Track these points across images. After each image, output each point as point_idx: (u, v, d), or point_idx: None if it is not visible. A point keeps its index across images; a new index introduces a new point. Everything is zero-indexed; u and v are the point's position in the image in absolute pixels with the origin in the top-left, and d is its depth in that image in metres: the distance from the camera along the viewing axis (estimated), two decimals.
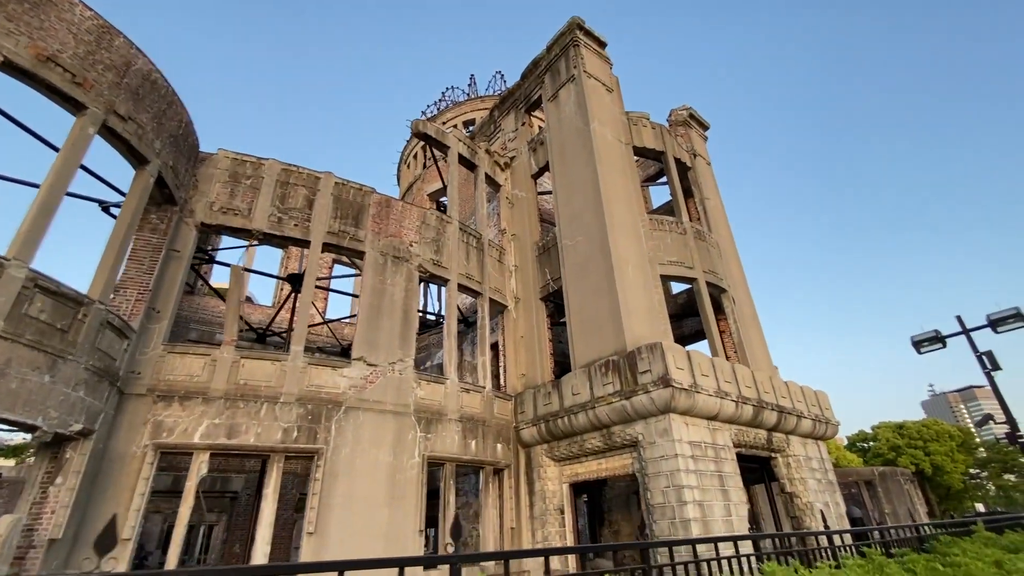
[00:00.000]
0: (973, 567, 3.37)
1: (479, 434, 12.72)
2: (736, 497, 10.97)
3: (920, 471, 51.17)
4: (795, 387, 14.43)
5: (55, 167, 7.74)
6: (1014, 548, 5.59)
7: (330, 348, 19.96)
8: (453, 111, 25.69)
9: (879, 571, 3.36)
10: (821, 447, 14.79)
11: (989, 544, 5.93)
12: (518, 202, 17.92)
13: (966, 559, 3.55)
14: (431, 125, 15.99)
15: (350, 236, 12.57)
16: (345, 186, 13.14)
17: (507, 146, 19.40)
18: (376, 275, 12.51)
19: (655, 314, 13.37)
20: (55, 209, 7.58)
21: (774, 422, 12.91)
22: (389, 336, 12.01)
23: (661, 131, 17.45)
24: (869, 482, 23.08)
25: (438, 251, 14.11)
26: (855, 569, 3.41)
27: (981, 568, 3.36)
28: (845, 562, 3.85)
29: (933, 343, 11.44)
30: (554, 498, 12.95)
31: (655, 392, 10.62)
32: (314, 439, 10.07)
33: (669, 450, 10.41)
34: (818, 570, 2.86)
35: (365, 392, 11.07)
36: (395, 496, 10.48)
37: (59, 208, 7.70)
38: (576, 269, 14.34)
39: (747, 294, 18.13)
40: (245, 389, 9.93)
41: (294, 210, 12.14)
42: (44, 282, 7.28)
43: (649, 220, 15.17)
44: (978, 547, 4.43)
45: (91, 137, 8.28)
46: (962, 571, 3.30)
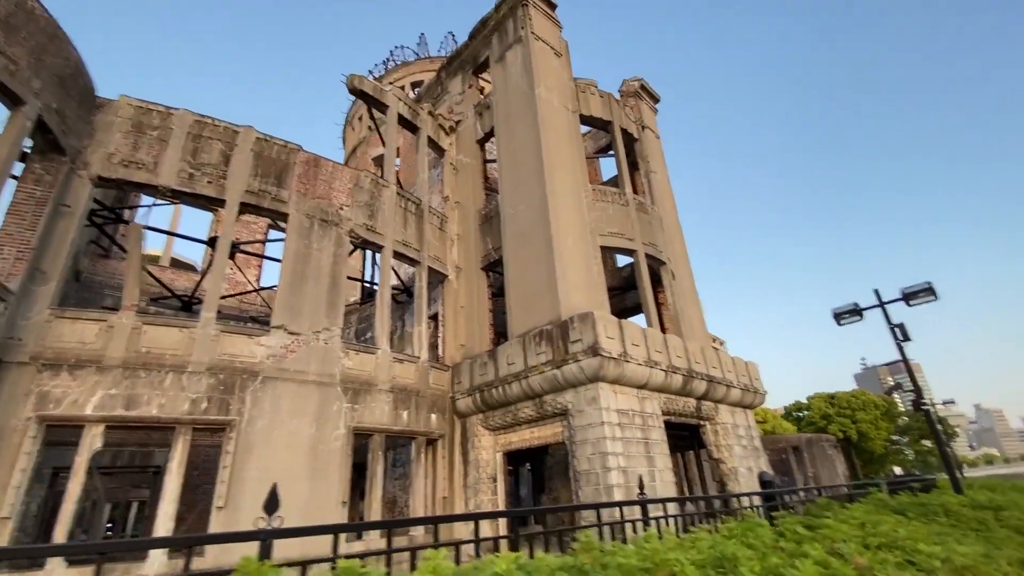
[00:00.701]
0: (836, 528, 3.33)
1: (412, 405, 12.44)
2: (661, 463, 11.22)
3: (847, 438, 55.02)
4: (726, 357, 14.83)
5: None
6: (900, 509, 5.83)
7: (264, 318, 19.05)
8: (401, 71, 24.46)
9: (751, 531, 3.27)
10: (749, 415, 15.37)
11: (881, 505, 6.18)
12: (463, 168, 17.34)
13: (834, 520, 3.54)
14: (368, 82, 15.07)
15: (272, 196, 11.75)
16: (268, 142, 12.22)
17: (453, 110, 18.65)
18: (301, 239, 11.80)
19: (593, 285, 13.30)
20: None
21: (703, 391, 13.23)
22: (314, 304, 11.42)
23: (609, 100, 17.14)
24: (796, 448, 24.47)
25: (372, 216, 13.46)
26: (726, 530, 3.31)
27: (844, 530, 3.32)
28: (728, 522, 3.78)
29: (852, 315, 11.89)
30: (487, 467, 12.92)
31: (585, 361, 10.58)
32: (226, 410, 9.51)
33: (596, 418, 10.46)
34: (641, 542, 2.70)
35: (285, 362, 10.52)
36: (317, 469, 10.12)
37: None
38: (516, 238, 14.04)
39: (687, 268, 18.40)
40: (148, 358, 9.20)
41: (208, 166, 11.19)
42: None
43: (592, 190, 14.97)
44: (852, 510, 4.55)
45: None
46: (824, 532, 3.25)
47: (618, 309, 19.44)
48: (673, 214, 19.39)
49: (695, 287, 18.35)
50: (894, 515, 5.48)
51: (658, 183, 19.17)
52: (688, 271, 18.41)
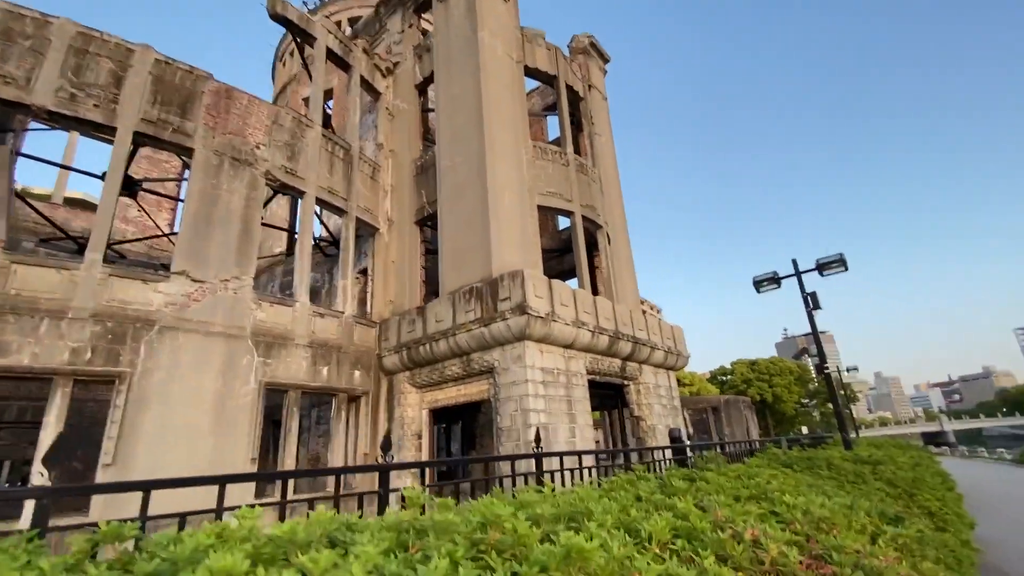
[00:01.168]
0: (713, 481, 3.31)
1: (334, 361, 11.93)
2: (583, 420, 11.46)
3: (764, 400, 59.61)
4: (652, 321, 15.23)
5: None
6: (789, 463, 6.12)
7: None
8: (338, 4, 22.43)
9: (631, 484, 3.19)
10: (671, 376, 16.00)
11: (773, 459, 6.48)
12: (399, 115, 16.33)
13: (714, 474, 3.54)
14: (293, 8, 13.63)
15: (174, 127, 10.50)
16: (170, 66, 10.83)
17: (392, 50, 17.38)
18: (208, 178, 10.70)
19: (528, 244, 13.07)
20: None
21: (629, 352, 13.55)
22: (223, 250, 10.50)
23: (556, 54, 16.51)
24: (715, 408, 26.11)
25: (293, 158, 12.42)
26: (607, 483, 3.22)
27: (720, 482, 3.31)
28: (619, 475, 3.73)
29: (770, 283, 12.42)
30: (413, 424, 12.77)
31: (512, 319, 10.45)
32: (115, 361, 8.65)
33: (520, 376, 10.44)
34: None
35: (188, 311, 9.67)
36: (223, 424, 9.53)
37: None
38: (452, 192, 13.48)
39: (625, 234, 18.56)
40: (17, 300, 8.13)
41: (95, 87, 9.78)
42: None
43: (533, 147, 14.54)
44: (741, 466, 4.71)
45: None
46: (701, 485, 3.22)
47: (556, 271, 19.48)
48: (615, 178, 19.36)
49: (631, 253, 18.60)
50: (783, 468, 5.75)
51: (601, 145, 18.97)
52: (625, 237, 18.59)
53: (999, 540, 9.53)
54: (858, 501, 3.02)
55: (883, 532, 2.53)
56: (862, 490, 4.64)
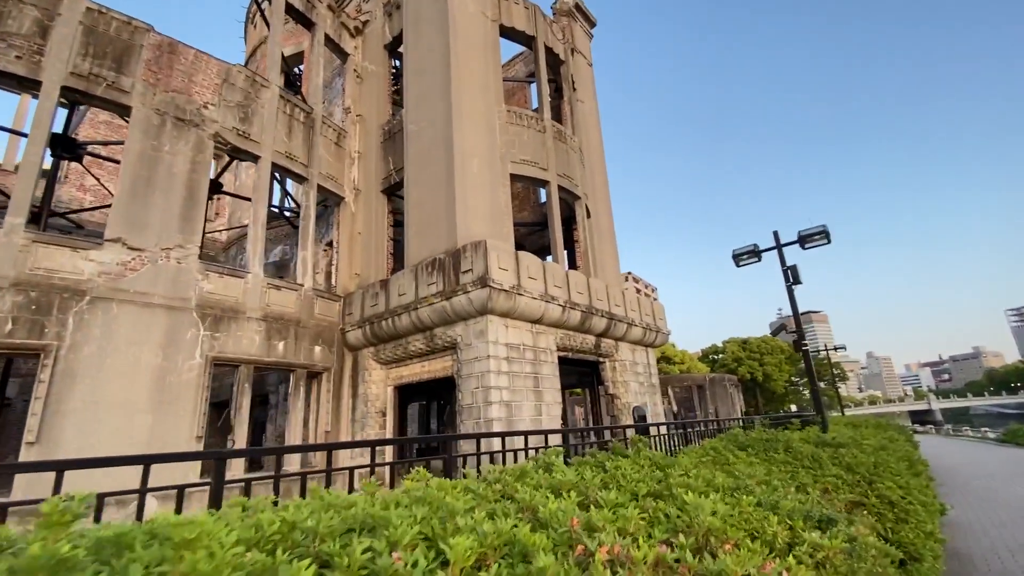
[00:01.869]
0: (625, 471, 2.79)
1: (291, 335, 11.38)
2: (550, 398, 11.00)
3: (754, 379, 59.75)
4: (631, 296, 14.70)
5: None
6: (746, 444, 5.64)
7: None
8: None
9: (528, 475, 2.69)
10: (650, 353, 15.56)
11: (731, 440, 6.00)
12: (368, 77, 15.43)
13: (630, 461, 3.02)
14: None
15: (108, 83, 9.69)
16: (104, 15, 9.95)
17: (361, 8, 16.36)
18: (147, 139, 9.94)
19: (498, 214, 12.41)
20: None
21: (603, 328, 13.04)
22: (164, 216, 9.81)
23: (535, 12, 15.55)
24: (700, 386, 25.85)
25: (246, 120, 11.62)
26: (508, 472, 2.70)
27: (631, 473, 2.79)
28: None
29: (751, 256, 11.85)
30: (377, 401, 12.31)
31: (474, 292, 9.87)
32: (40, 334, 8.07)
33: (483, 352, 9.91)
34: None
35: (123, 281, 9.04)
36: (164, 401, 9.00)
37: None
38: (418, 158, 12.74)
39: (607, 206, 17.89)
40: None
41: (16, 36, 8.93)
42: None
43: (507, 112, 13.73)
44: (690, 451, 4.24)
45: None
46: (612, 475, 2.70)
47: (538, 247, 18.85)
48: (598, 149, 18.59)
49: (613, 227, 17.96)
50: (736, 452, 5.27)
51: (585, 113, 18.14)
52: (607, 209, 17.93)
53: (970, 522, 9.22)
54: (783, 500, 2.48)
55: (800, 542, 2.00)
56: (815, 475, 4.15)
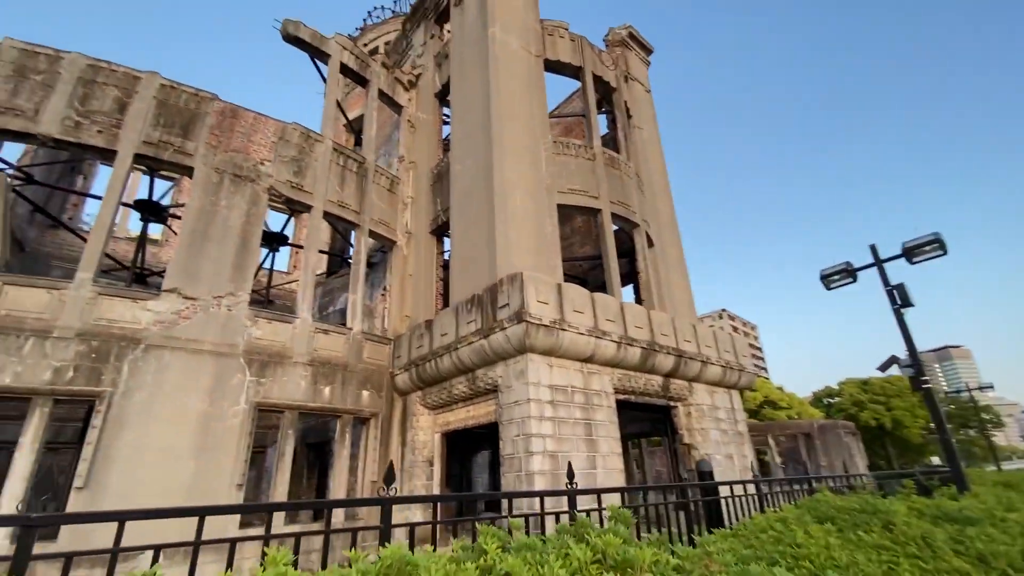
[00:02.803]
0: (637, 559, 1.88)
1: (338, 380, 11.24)
2: (607, 448, 9.67)
3: (881, 426, 51.58)
4: (704, 331, 13.03)
5: None
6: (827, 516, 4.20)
7: None
8: (375, 31, 22.99)
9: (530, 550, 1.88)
10: (733, 396, 13.56)
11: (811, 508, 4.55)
12: (420, 125, 15.85)
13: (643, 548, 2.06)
14: (305, 28, 13.69)
15: (175, 148, 10.59)
16: (175, 90, 11.05)
17: (415, 63, 17.11)
18: (207, 195, 10.63)
19: (545, 247, 11.71)
20: None
21: (671, 367, 11.54)
22: (217, 266, 10.26)
23: (581, 44, 15.24)
24: (807, 434, 22.30)
25: (300, 173, 12.18)
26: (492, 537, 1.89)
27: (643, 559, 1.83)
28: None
29: (843, 277, 9.92)
30: (424, 449, 11.66)
31: (511, 329, 9.08)
32: (97, 381, 8.48)
33: (522, 394, 8.98)
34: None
35: (176, 329, 9.42)
36: (207, 447, 9.03)
37: None
38: (462, 196, 12.54)
39: (674, 234, 16.51)
40: (6, 320, 8.23)
41: (99, 113, 10.10)
42: None
43: (553, 143, 13.25)
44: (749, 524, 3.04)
45: None
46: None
47: (602, 281, 17.74)
48: (661, 175, 17.46)
49: (682, 256, 16.47)
50: (816, 524, 3.87)
51: (644, 140, 17.25)
52: (675, 239, 16.53)
53: None
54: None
55: None
56: (923, 569, 2.75)
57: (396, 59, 18.64)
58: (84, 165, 17.77)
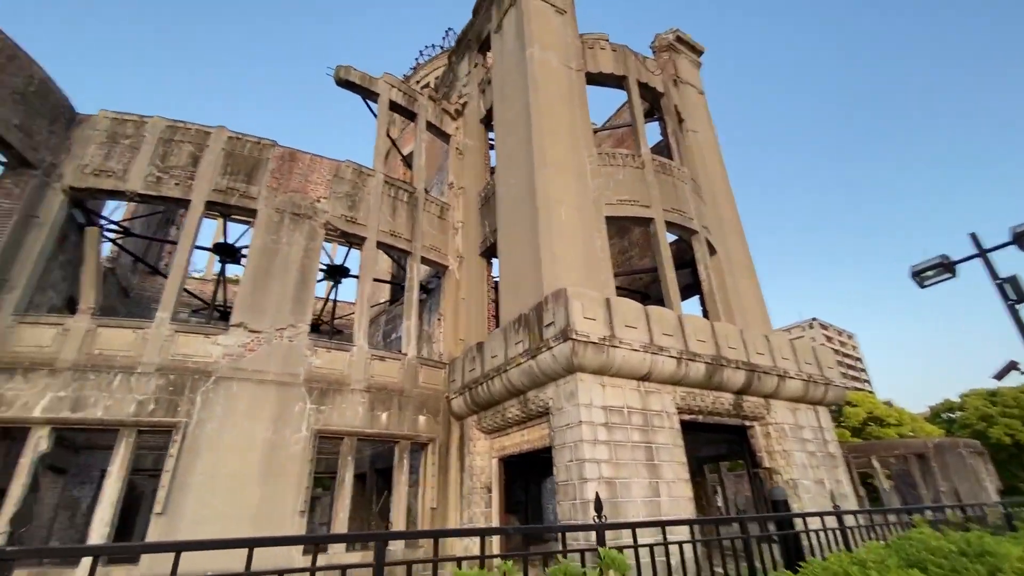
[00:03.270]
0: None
1: (394, 406, 11.37)
2: (672, 474, 8.93)
3: (1017, 443, 44.50)
4: (780, 341, 11.88)
5: None
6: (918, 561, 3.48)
7: None
8: (426, 68, 24.04)
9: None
10: (820, 413, 12.17)
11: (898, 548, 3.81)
12: (467, 151, 16.14)
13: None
14: (355, 71, 14.52)
15: (240, 193, 11.46)
16: (240, 141, 12.02)
17: (461, 93, 17.57)
18: (268, 234, 11.35)
19: (593, 262, 11.30)
20: None
21: (742, 383, 10.58)
22: (279, 300, 10.85)
23: (624, 53, 14.91)
24: (921, 455, 19.48)
25: (353, 207, 12.73)
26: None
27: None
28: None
29: (939, 272, 8.60)
30: (482, 475, 11.42)
31: (557, 348, 8.73)
32: (174, 412, 9.14)
33: (574, 417, 8.54)
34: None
35: (243, 361, 10.00)
36: (271, 474, 9.39)
37: None
38: (507, 216, 12.48)
39: (739, 240, 15.41)
40: (98, 359, 9.14)
41: (176, 168, 11.18)
42: None
43: (598, 155, 12.93)
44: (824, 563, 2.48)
45: None
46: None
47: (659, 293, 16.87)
48: (721, 178, 16.48)
49: (750, 263, 15.28)
50: (907, 569, 3.20)
51: (699, 143, 16.43)
52: (741, 244, 15.41)
53: None
54: None
55: None
56: None
57: (445, 91, 19.28)
58: (176, 216, 19.80)
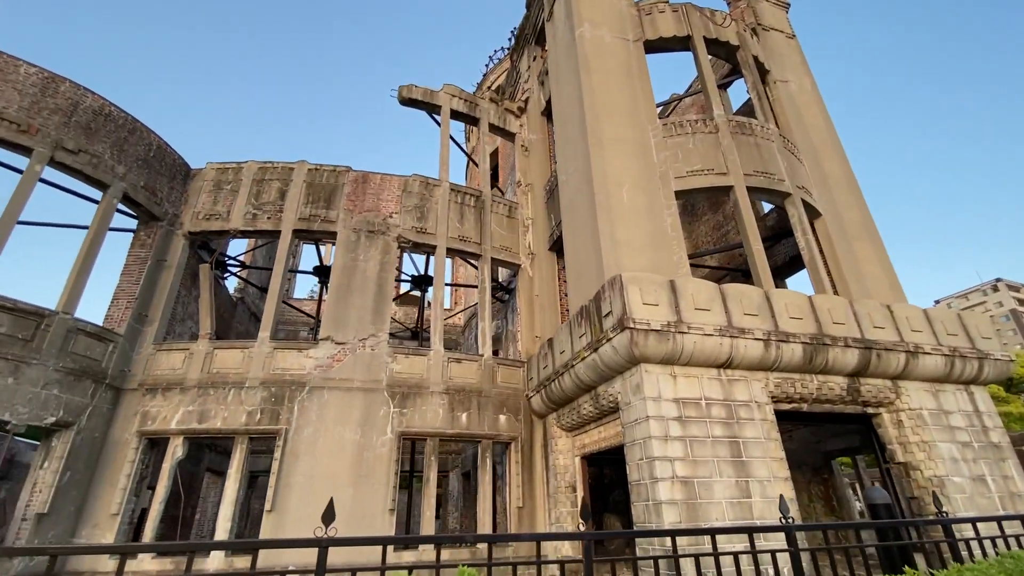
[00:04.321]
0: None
1: (473, 406, 11.56)
2: (765, 471, 7.85)
3: None
4: (909, 311, 9.91)
5: (9, 202, 9.11)
6: None
7: (401, 334, 20.65)
8: (495, 72, 24.27)
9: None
10: (976, 394, 9.91)
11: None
12: (532, 147, 15.93)
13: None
14: (417, 88, 15.12)
15: (321, 219, 12.53)
16: (318, 171, 13.16)
17: (523, 89, 17.43)
18: (348, 253, 12.24)
19: (663, 242, 10.42)
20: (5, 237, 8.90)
21: (856, 364, 8.99)
22: (360, 312, 11.63)
23: (686, 11, 13.60)
24: None
25: (422, 218, 13.23)
26: None
27: None
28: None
29: None
30: (566, 473, 11.11)
31: (616, 338, 8.16)
32: (276, 420, 10.23)
33: (641, 412, 7.91)
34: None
35: (331, 371, 10.88)
36: (361, 475, 10.07)
37: (20, 237, 8.98)
38: (569, 205, 12.04)
39: (853, 196, 13.20)
40: (216, 377, 10.57)
41: (268, 204, 12.57)
42: (1, 301, 8.61)
43: (662, 126, 11.92)
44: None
45: (38, 174, 9.57)
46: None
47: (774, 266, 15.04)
48: (824, 130, 14.29)
49: (870, 223, 12.98)
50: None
51: (792, 93, 14.46)
52: (856, 201, 13.17)
53: None
54: None
55: None
56: None
57: (511, 91, 19.29)
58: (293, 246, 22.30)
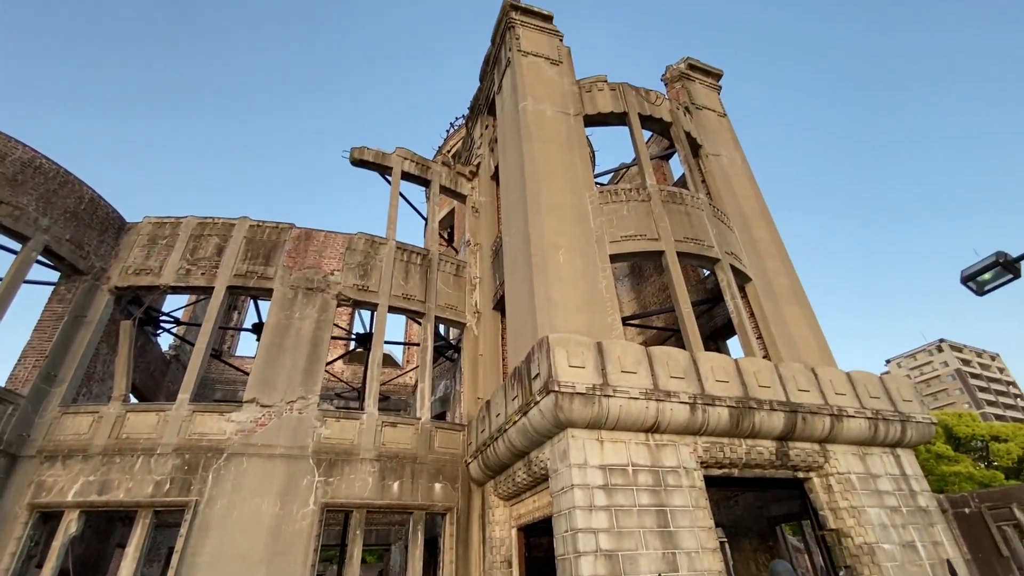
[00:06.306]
0: None
1: (407, 474, 11.02)
2: (694, 542, 7.64)
3: None
4: (833, 375, 10.21)
5: None
6: None
7: (348, 395, 19.92)
8: (454, 138, 25.26)
9: None
10: (902, 458, 10.10)
11: None
12: (482, 209, 16.35)
13: None
14: (369, 151, 15.50)
15: (258, 275, 12.29)
16: (260, 227, 13.06)
17: (476, 154, 18.11)
18: (282, 311, 11.94)
19: (598, 304, 10.59)
20: None
21: (782, 427, 9.09)
22: (290, 373, 11.19)
23: (622, 91, 14.66)
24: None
25: (365, 275, 13.14)
26: None
27: None
28: None
29: (998, 272, 6.96)
30: (502, 547, 10.54)
31: (542, 401, 8.05)
32: (187, 491, 9.46)
33: (567, 480, 7.68)
34: None
35: (253, 436, 10.27)
36: (277, 552, 9.28)
37: None
38: (511, 266, 12.22)
39: (781, 262, 13.90)
40: (125, 443, 9.81)
41: (203, 259, 12.28)
42: None
43: (599, 192, 12.48)
44: None
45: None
46: None
47: (708, 330, 15.44)
48: (753, 199, 15.23)
49: (798, 287, 13.61)
50: None
51: (724, 166, 15.47)
52: (784, 267, 13.86)
53: None
54: None
55: None
56: None
57: (466, 155, 20.01)
58: (239, 302, 21.69)
